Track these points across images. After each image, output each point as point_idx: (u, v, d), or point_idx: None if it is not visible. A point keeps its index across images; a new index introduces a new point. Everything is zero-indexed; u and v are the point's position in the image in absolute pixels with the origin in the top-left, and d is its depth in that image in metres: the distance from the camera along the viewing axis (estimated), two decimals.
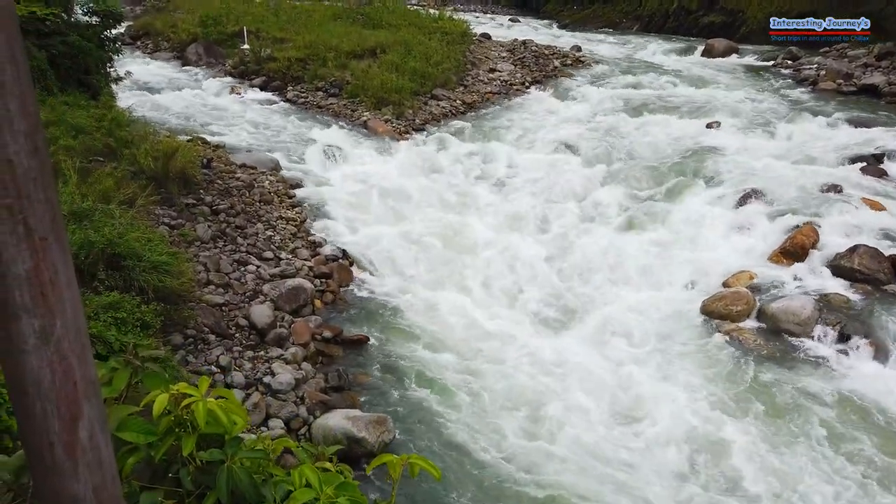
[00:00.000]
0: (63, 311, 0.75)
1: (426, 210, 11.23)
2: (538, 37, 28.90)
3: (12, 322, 0.72)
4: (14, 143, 0.67)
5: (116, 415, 1.42)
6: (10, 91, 0.65)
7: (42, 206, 0.70)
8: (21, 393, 0.75)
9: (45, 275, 0.72)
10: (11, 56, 0.64)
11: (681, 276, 9.31)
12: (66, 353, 0.76)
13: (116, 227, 6.86)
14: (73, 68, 11.21)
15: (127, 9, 26.27)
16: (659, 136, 14.30)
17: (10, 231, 0.69)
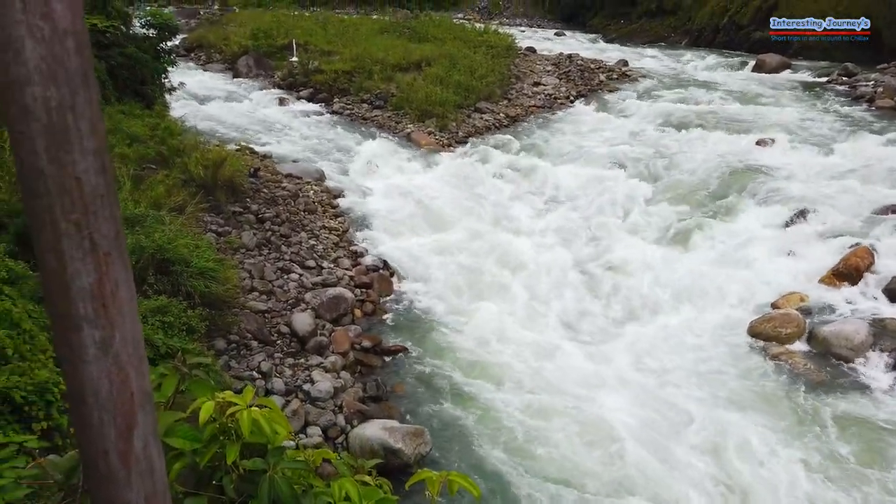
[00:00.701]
0: (122, 323, 0.77)
1: (467, 222, 11.23)
2: (584, 51, 28.78)
3: (74, 333, 0.75)
4: (83, 161, 0.70)
5: (164, 421, 1.45)
6: (82, 113, 0.68)
7: (107, 223, 0.73)
8: (79, 402, 0.77)
9: (107, 288, 0.75)
10: (84, 79, 0.67)
11: (728, 295, 9.07)
12: (124, 364, 0.78)
13: (166, 233, 7.06)
14: (130, 79, 11.64)
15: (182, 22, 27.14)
16: (707, 152, 14.03)
17: (77, 246, 0.72)
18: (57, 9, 0.66)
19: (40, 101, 0.68)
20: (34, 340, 4.68)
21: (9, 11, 0.65)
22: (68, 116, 0.69)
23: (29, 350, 4.62)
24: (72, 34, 0.67)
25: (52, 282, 0.73)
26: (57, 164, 0.69)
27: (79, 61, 0.68)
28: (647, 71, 24.04)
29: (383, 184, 12.72)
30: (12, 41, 0.64)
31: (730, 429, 6.49)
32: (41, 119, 0.68)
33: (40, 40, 0.66)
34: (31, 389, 4.25)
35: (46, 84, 0.66)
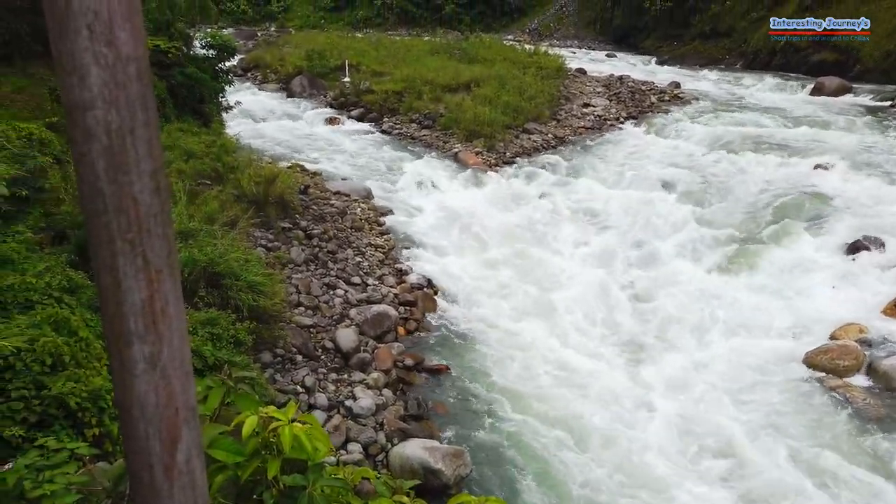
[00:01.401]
0: (171, 339, 0.80)
1: (514, 243, 11.19)
2: (635, 72, 28.54)
3: (125, 347, 0.78)
4: (139, 182, 0.73)
5: (209, 433, 1.48)
6: (140, 135, 0.72)
7: (160, 241, 0.76)
8: (127, 414, 0.80)
9: (157, 305, 0.78)
10: (143, 103, 0.71)
11: (782, 324, 8.77)
12: (171, 379, 0.80)
13: (218, 247, 7.25)
14: (189, 97, 12.09)
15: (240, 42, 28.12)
16: (761, 176, 13.67)
17: (131, 263, 0.75)
18: (121, 36, 0.69)
19: (102, 125, 0.71)
20: (90, 348, 4.85)
21: (77, 38, 0.69)
22: (127, 139, 0.72)
23: (85, 357, 4.79)
24: (134, 60, 0.71)
25: (106, 297, 0.76)
26: (115, 184, 0.72)
27: (139, 86, 0.71)
28: (700, 93, 23.66)
29: (430, 202, 12.81)
30: (78, 67, 0.68)
31: (784, 464, 6.23)
32: (102, 141, 0.72)
33: (104, 66, 0.70)
34: (86, 396, 4.40)
35: (108, 108, 0.70)
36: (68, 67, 0.68)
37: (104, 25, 0.69)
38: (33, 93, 9.79)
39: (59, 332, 4.82)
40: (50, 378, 4.45)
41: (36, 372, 4.40)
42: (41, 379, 4.41)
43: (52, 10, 0.68)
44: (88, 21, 0.69)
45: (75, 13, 0.69)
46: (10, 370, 4.34)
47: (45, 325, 4.79)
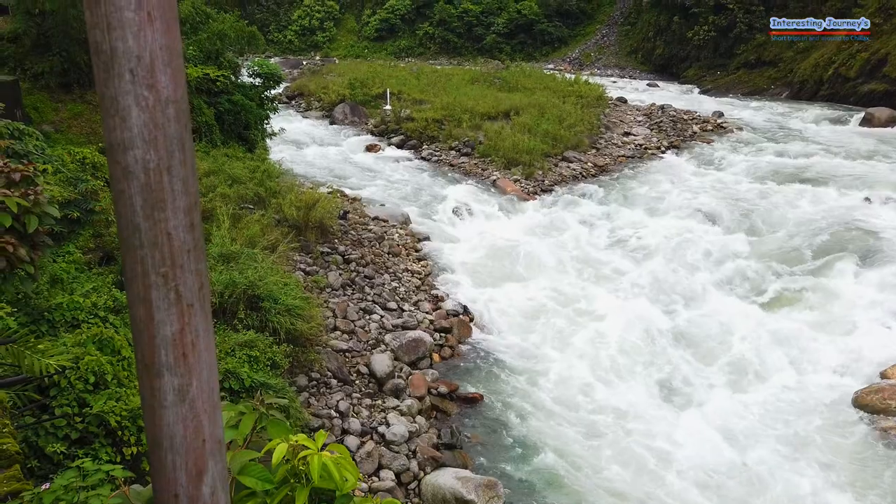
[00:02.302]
0: (200, 372, 0.81)
1: (551, 271, 11.10)
2: (677, 102, 28.34)
3: (155, 378, 0.80)
4: (174, 218, 0.76)
5: (240, 459, 1.49)
6: (177, 173, 0.75)
7: (192, 276, 0.79)
8: (156, 445, 0.82)
9: (188, 338, 0.79)
10: (181, 143, 0.74)
11: (830, 361, 8.45)
12: (199, 411, 0.82)
13: (258, 270, 7.38)
14: (236, 123, 12.46)
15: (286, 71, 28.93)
16: (808, 207, 13.35)
17: (164, 297, 0.78)
18: (162, 80, 0.73)
19: (140, 163, 0.75)
20: (132, 367, 4.96)
21: (120, 82, 0.72)
22: (164, 177, 0.75)
23: (126, 377, 4.90)
24: (173, 103, 0.74)
25: (139, 329, 0.79)
26: (151, 220, 0.75)
27: (177, 127, 0.74)
28: (744, 123, 23.33)
29: (467, 229, 12.83)
30: (120, 108, 0.72)
31: None
32: (140, 179, 0.75)
33: (145, 108, 0.73)
34: (125, 415, 4.49)
35: (147, 148, 0.73)
36: (111, 109, 0.72)
37: (146, 70, 0.72)
38: (89, 119, 10.21)
39: (102, 351, 4.94)
40: (92, 396, 4.56)
41: (79, 390, 4.52)
42: (84, 397, 4.52)
43: (98, 54, 0.72)
44: (131, 66, 0.72)
45: (119, 58, 0.72)
46: (55, 387, 4.46)
47: (89, 343, 4.92)
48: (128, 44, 0.71)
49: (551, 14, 58.31)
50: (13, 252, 3.23)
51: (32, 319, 5.27)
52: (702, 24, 43.90)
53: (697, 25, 44.23)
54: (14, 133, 6.41)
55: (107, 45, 0.71)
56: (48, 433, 4.29)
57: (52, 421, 4.32)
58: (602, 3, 59.48)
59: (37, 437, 4.21)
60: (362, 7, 65.81)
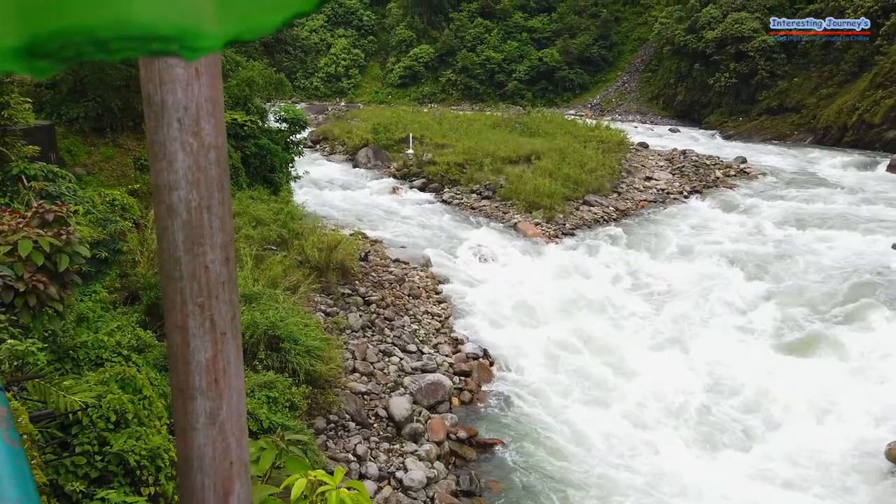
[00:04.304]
0: (230, 397, 0.86)
1: (572, 317, 11.02)
2: (699, 147, 28.43)
3: (189, 401, 0.85)
4: (211, 252, 0.82)
5: (260, 493, 1.50)
6: (216, 212, 0.82)
7: (226, 307, 0.85)
8: (186, 466, 0.87)
9: (220, 364, 0.85)
10: (220, 184, 0.81)
11: (862, 412, 8.21)
12: (228, 434, 0.87)
13: (279, 311, 7.45)
14: (261, 167, 12.74)
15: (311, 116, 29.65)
16: (835, 254, 13.18)
17: (200, 325, 0.84)
18: (206, 128, 0.81)
19: (184, 202, 0.83)
20: (152, 406, 5.00)
21: (169, 130, 0.81)
22: (205, 215, 0.83)
23: (147, 416, 4.93)
24: (214, 148, 0.82)
25: (175, 355, 0.85)
26: (191, 254, 0.82)
27: (217, 170, 0.82)
28: (767, 168, 23.28)
29: (488, 272, 12.84)
30: (167, 153, 0.81)
31: None
32: (182, 216, 0.83)
33: (189, 153, 0.81)
34: (145, 454, 4.51)
35: (190, 188, 0.81)
36: (159, 154, 0.80)
37: (192, 119, 0.81)
38: (119, 162, 10.54)
39: (125, 390, 5.00)
40: (113, 435, 4.60)
41: (100, 428, 4.56)
42: (105, 435, 4.55)
43: (149, 105, 0.81)
44: (179, 115, 0.80)
45: (169, 109, 0.80)
46: (76, 425, 4.51)
47: (112, 382, 4.98)
48: (177, 96, 0.80)
49: (573, 61, 59.31)
50: (44, 290, 3.33)
51: (58, 357, 5.35)
52: (723, 72, 44.28)
53: (719, 73, 44.62)
54: (48, 175, 6.64)
55: (158, 98, 0.80)
56: (68, 471, 4.31)
57: (73, 458, 4.35)
58: (623, 51, 60.43)
59: (56, 475, 4.23)
60: (387, 55, 67.61)
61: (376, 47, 68.95)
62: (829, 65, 38.18)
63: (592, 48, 59.23)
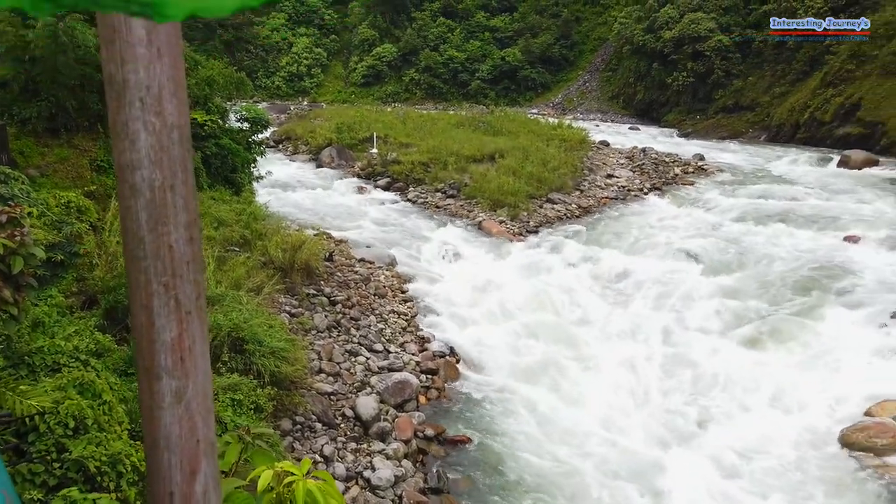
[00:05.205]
0: (196, 376, 0.87)
1: (537, 313, 11.14)
2: (658, 145, 28.96)
3: (155, 381, 0.86)
4: (175, 232, 0.83)
5: (226, 487, 1.49)
6: (179, 191, 0.84)
7: (190, 286, 0.86)
8: (153, 445, 0.87)
9: (185, 343, 0.86)
10: (183, 164, 0.82)
11: (815, 400, 8.50)
12: (194, 413, 0.88)
13: (243, 312, 7.35)
14: (223, 167, 12.54)
15: (274, 116, 29.30)
16: (789, 248, 13.58)
17: (164, 304, 0.85)
18: (168, 108, 0.82)
19: (147, 182, 0.83)
20: (112, 412, 4.89)
21: (131, 109, 0.82)
22: (168, 194, 0.84)
23: (107, 421, 4.82)
24: (177, 128, 0.82)
25: (140, 335, 0.85)
26: (155, 233, 0.83)
27: (180, 150, 0.83)
28: (724, 165, 23.85)
29: (453, 270, 12.89)
30: (129, 133, 0.81)
31: None
32: (146, 196, 0.84)
33: (152, 132, 0.82)
34: (105, 460, 4.41)
35: (153, 168, 0.82)
36: (121, 133, 0.80)
37: (154, 99, 0.82)
38: (75, 163, 10.25)
39: (83, 395, 4.88)
40: (72, 441, 4.48)
41: (58, 435, 4.44)
42: (63, 442, 4.44)
43: (111, 84, 0.81)
44: (141, 95, 0.81)
45: (131, 88, 0.81)
46: (34, 432, 4.39)
47: (70, 387, 4.86)
48: (139, 76, 0.80)
49: (534, 61, 59.85)
50: None
51: (12, 363, 5.20)
52: (681, 71, 45.21)
53: (676, 72, 45.54)
54: (0, 177, 6.44)
55: (120, 77, 0.80)
56: (25, 479, 4.20)
57: (30, 466, 4.23)
58: (584, 51, 61.21)
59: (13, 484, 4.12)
60: (350, 54, 67.21)
61: (339, 46, 68.50)
62: (781, 64, 39.36)
63: (554, 48, 59.87)
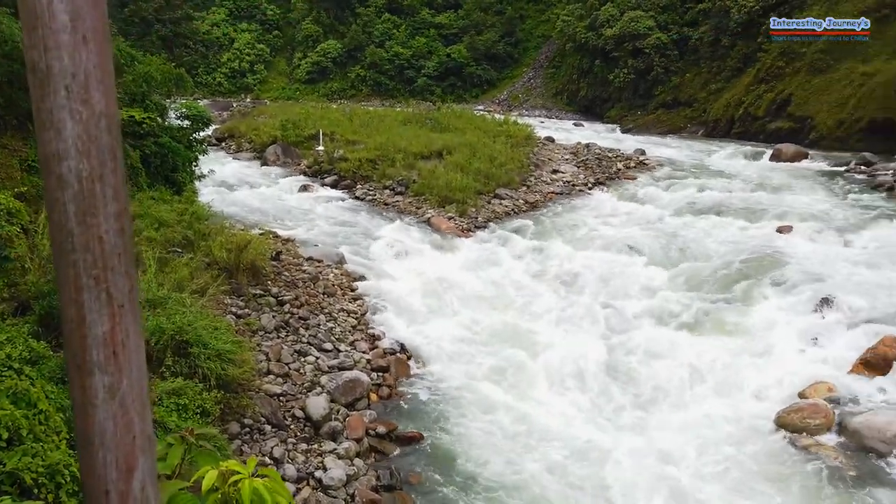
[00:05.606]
0: (130, 371, 0.84)
1: (487, 307, 11.24)
2: (601, 140, 29.55)
3: (87, 377, 0.83)
4: (106, 223, 0.81)
5: (168, 490, 1.46)
6: (108, 180, 0.81)
7: (122, 278, 0.83)
8: (87, 443, 0.84)
9: (118, 337, 0.83)
10: (112, 153, 0.80)
11: (752, 384, 8.85)
12: (129, 408, 0.85)
13: (187, 314, 7.16)
14: (162, 166, 12.17)
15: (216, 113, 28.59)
16: (726, 239, 14.09)
17: (95, 297, 0.82)
18: (95, 96, 0.80)
19: (74, 172, 0.81)
20: (49, 421, 4.70)
21: (55, 97, 0.79)
22: (96, 185, 0.81)
23: (44, 431, 4.63)
24: (105, 116, 0.80)
25: (71, 330, 0.82)
26: (84, 225, 0.80)
27: (109, 139, 0.80)
28: (664, 160, 24.53)
29: (403, 267, 12.87)
30: (55, 122, 0.79)
31: None
32: (73, 187, 0.81)
33: (78, 121, 0.79)
34: (42, 471, 4.23)
35: (80, 158, 0.79)
36: (46, 123, 0.78)
37: (80, 86, 0.79)
38: (3, 163, 9.78)
39: (17, 405, 4.67)
40: (5, 453, 4.29)
41: None
42: None
43: (34, 72, 0.78)
44: (66, 83, 0.78)
45: (55, 76, 0.78)
46: None
47: (2, 397, 4.64)
48: (63, 63, 0.77)
49: (480, 58, 60.20)
50: None
51: None
52: (622, 68, 46.25)
53: (618, 69, 46.57)
54: None
55: (43, 64, 0.77)
56: None
57: None
58: (528, 48, 61.92)
59: None
60: (293, 50, 66.15)
61: (282, 42, 67.33)
62: (717, 61, 40.74)
63: (499, 45, 60.35)
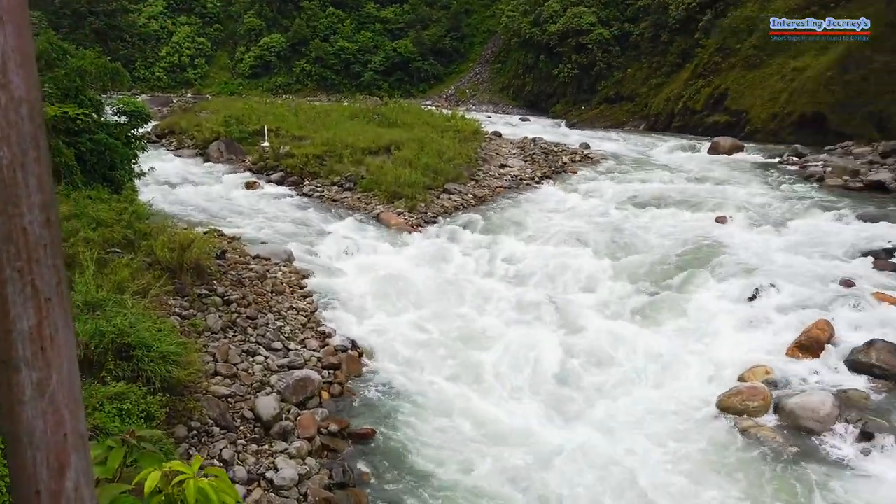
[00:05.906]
0: (60, 366, 0.81)
1: (437, 302, 11.26)
2: (547, 135, 29.93)
3: (13, 374, 0.79)
4: (30, 213, 0.77)
5: (108, 493, 1.42)
6: (31, 170, 0.77)
7: (49, 271, 0.79)
8: (15, 441, 0.81)
9: (46, 332, 0.80)
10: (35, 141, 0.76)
11: (694, 370, 9.15)
12: (60, 405, 0.81)
13: (128, 317, 6.93)
14: (99, 164, 11.72)
15: (155, 109, 27.67)
16: (668, 229, 14.50)
17: (20, 291, 0.78)
18: (14, 80, 0.76)
19: None
20: None
21: None
22: (18, 173, 0.77)
23: None
24: (26, 102, 0.76)
25: None
26: (5, 215, 0.76)
27: (30, 126, 0.77)
28: (608, 153, 25.05)
29: (353, 263, 12.77)
30: None
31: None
32: None
33: None
34: None
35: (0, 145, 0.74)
36: None
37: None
38: None
39: None
40: None
41: None
42: None
43: None
44: None
45: None
46: None
47: None
48: None
49: (426, 52, 60.12)
50: None
51: None
52: (566, 63, 46.94)
53: (562, 64, 47.25)
54: None
55: None
56: None
57: None
58: (474, 43, 62.15)
59: None
60: (236, 44, 64.62)
61: (224, 36, 65.65)
62: (657, 56, 41.82)
63: (445, 39, 60.38)
